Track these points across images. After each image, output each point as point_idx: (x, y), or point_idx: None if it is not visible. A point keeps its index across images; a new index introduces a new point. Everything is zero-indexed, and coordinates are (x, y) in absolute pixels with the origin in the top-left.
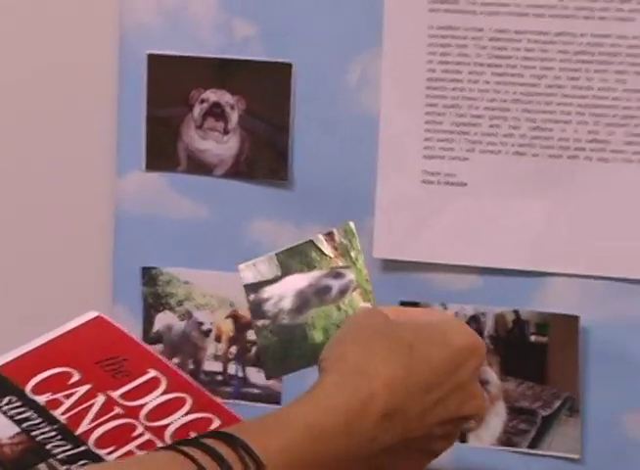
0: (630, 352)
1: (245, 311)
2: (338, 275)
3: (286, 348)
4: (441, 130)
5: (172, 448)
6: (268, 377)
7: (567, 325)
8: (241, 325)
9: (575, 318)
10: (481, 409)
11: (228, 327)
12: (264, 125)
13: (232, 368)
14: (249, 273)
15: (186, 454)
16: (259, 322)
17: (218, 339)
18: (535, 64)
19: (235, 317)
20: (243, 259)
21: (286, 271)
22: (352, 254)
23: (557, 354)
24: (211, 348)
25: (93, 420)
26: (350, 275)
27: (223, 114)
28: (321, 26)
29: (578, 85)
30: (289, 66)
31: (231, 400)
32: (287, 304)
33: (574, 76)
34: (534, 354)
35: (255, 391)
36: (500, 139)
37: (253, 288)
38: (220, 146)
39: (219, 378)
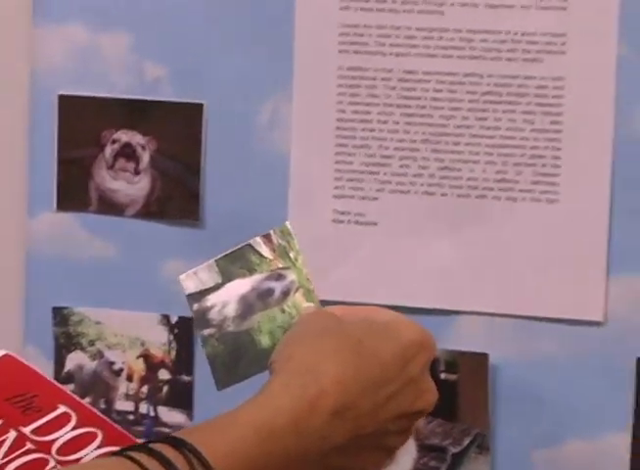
0: (538, 389)
1: (156, 351)
2: (279, 277)
3: (234, 355)
4: (351, 170)
5: (120, 454)
6: (220, 387)
7: (476, 363)
8: (152, 364)
9: (485, 356)
10: (433, 403)
11: (139, 366)
12: (176, 165)
13: (144, 407)
14: (190, 283)
15: (133, 459)
16: (205, 331)
17: (130, 378)
18: (444, 104)
19: (146, 357)
20: (154, 299)
21: (227, 277)
22: (291, 254)
23: (467, 392)
24: (123, 387)
25: (5, 456)
26: (291, 276)
27: (134, 154)
28: (232, 67)
29: (486, 125)
30: (200, 106)
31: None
32: (231, 310)
33: (483, 117)
34: (444, 392)
35: (167, 430)
36: (409, 179)
37: (196, 297)
38: (131, 186)
39: (131, 417)
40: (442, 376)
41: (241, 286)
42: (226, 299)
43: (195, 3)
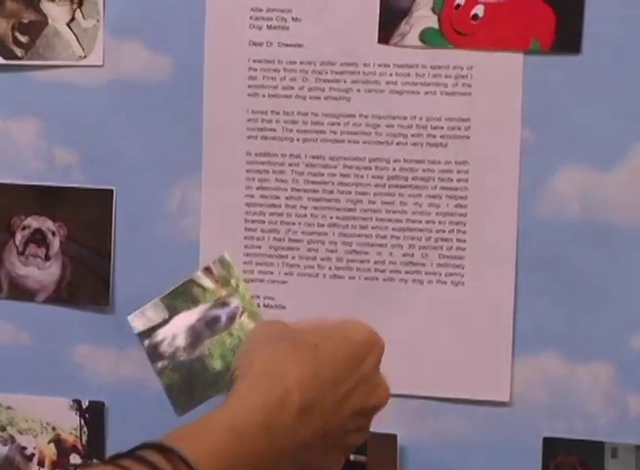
0: (447, 469)
1: (67, 435)
2: (223, 304)
3: (189, 382)
4: (260, 254)
5: (108, 463)
6: (180, 413)
7: (385, 444)
8: (63, 449)
9: (393, 437)
10: (387, 398)
11: (51, 451)
12: (86, 251)
13: None
14: (138, 322)
15: (121, 466)
16: (159, 364)
17: (41, 463)
18: (351, 188)
19: (57, 442)
20: (65, 384)
21: (173, 312)
22: (232, 281)
23: None
24: None
25: None
26: (235, 302)
27: (45, 240)
28: (142, 153)
29: (393, 209)
30: (110, 192)
31: None
32: (181, 341)
33: (389, 201)
34: None
35: None
36: (318, 262)
37: (146, 334)
38: (42, 272)
39: None
40: (352, 457)
41: (187, 318)
42: (175, 331)
43: (104, 89)
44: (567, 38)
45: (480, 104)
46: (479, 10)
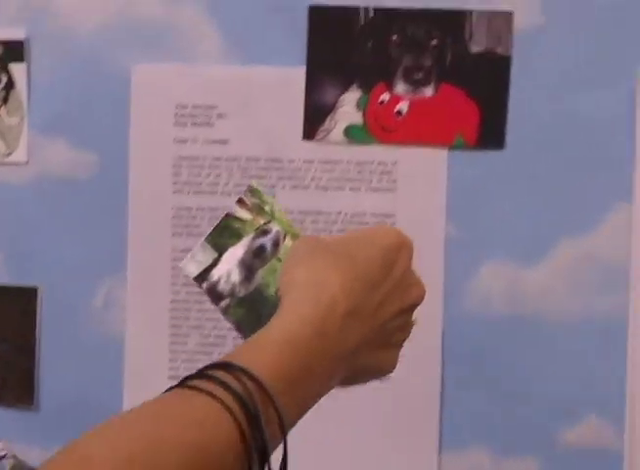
0: None
1: None
2: (265, 232)
3: (255, 314)
4: (186, 351)
5: (180, 384)
6: None
7: None
8: None
9: None
10: (422, 295)
11: None
12: (10, 348)
13: None
14: (191, 267)
15: (194, 387)
16: (222, 303)
17: None
18: None
19: None
20: None
21: (221, 250)
22: (267, 208)
23: None
24: None
25: None
26: (275, 227)
27: None
28: (67, 250)
29: None
30: (34, 289)
31: None
32: (235, 277)
33: None
34: None
35: None
36: None
37: (202, 277)
38: None
39: None
40: None
41: (235, 253)
42: (228, 268)
43: (28, 186)
44: (490, 134)
45: (405, 199)
46: (403, 106)
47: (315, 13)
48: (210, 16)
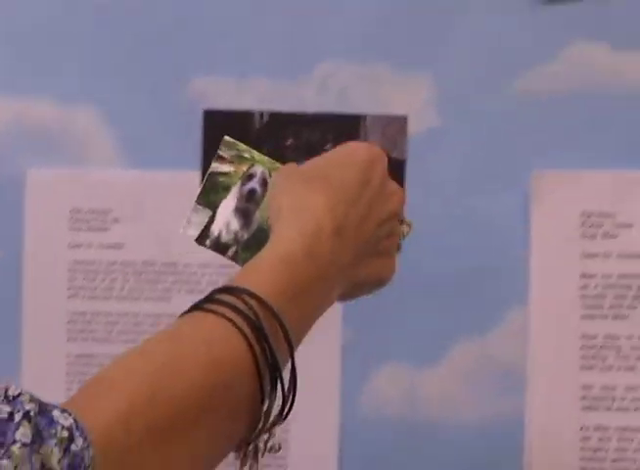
0: None
1: None
2: (250, 177)
3: None
4: None
5: (192, 309)
6: None
7: None
8: None
9: None
10: (403, 200)
11: None
12: None
13: None
14: (190, 230)
15: (205, 309)
16: (229, 252)
17: None
18: None
19: None
20: None
21: (214, 207)
22: (246, 155)
23: None
24: None
25: None
26: (259, 169)
27: None
28: None
29: None
30: None
31: None
32: (235, 225)
33: None
34: None
35: None
36: None
37: (203, 237)
38: None
39: None
40: None
41: (228, 204)
42: (225, 220)
43: None
44: None
45: None
46: None
47: (210, 117)
48: (105, 120)
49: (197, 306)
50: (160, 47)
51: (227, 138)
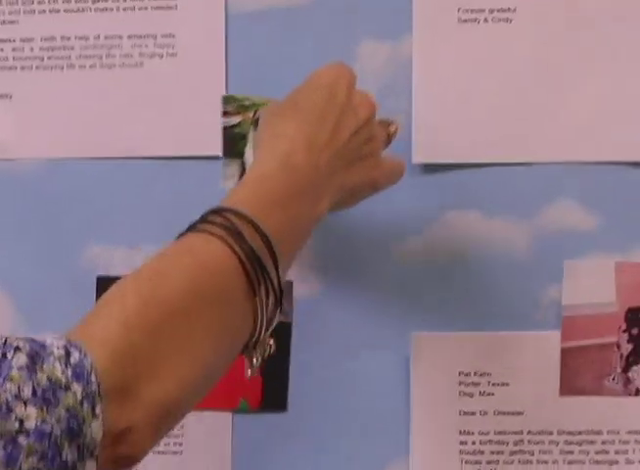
0: None
1: None
2: (259, 119)
3: None
4: None
5: (186, 232)
6: None
7: None
8: None
9: None
10: (372, 106)
11: None
12: None
13: None
14: (229, 183)
15: (199, 230)
16: None
17: None
18: None
19: None
20: None
21: (239, 155)
22: (247, 103)
23: None
24: None
25: None
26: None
27: None
28: None
29: None
30: None
31: None
32: None
33: None
34: None
35: None
36: None
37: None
38: None
39: None
40: None
41: (250, 149)
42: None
43: None
44: (273, 398)
45: None
46: None
47: (102, 283)
48: (1, 289)
49: (183, 233)
50: (54, 216)
51: (225, 95)
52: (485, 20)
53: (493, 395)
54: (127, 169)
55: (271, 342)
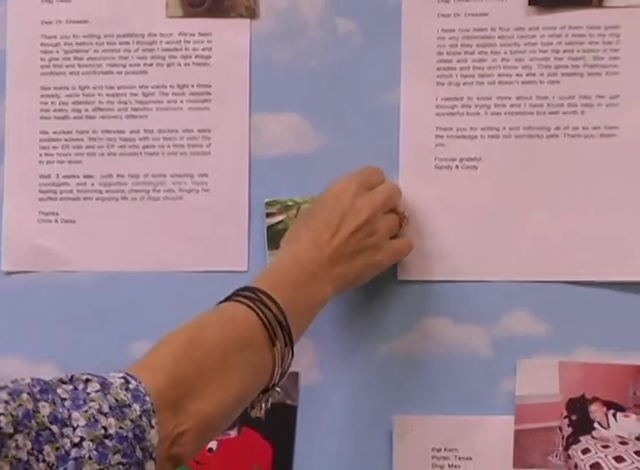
0: None
1: None
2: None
3: None
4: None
5: (230, 299)
6: None
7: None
8: None
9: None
10: (375, 206)
11: None
12: None
13: None
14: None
15: (225, 301)
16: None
17: None
18: None
19: None
20: None
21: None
22: (289, 203)
23: None
24: None
25: None
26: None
27: None
28: None
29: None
30: None
31: None
32: None
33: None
34: None
35: None
36: None
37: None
38: None
39: None
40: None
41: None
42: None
43: None
44: (282, 464)
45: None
46: (213, 444)
47: None
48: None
49: (218, 303)
50: (107, 318)
51: (267, 199)
52: (457, 166)
53: (459, 467)
54: (166, 280)
55: (279, 390)
